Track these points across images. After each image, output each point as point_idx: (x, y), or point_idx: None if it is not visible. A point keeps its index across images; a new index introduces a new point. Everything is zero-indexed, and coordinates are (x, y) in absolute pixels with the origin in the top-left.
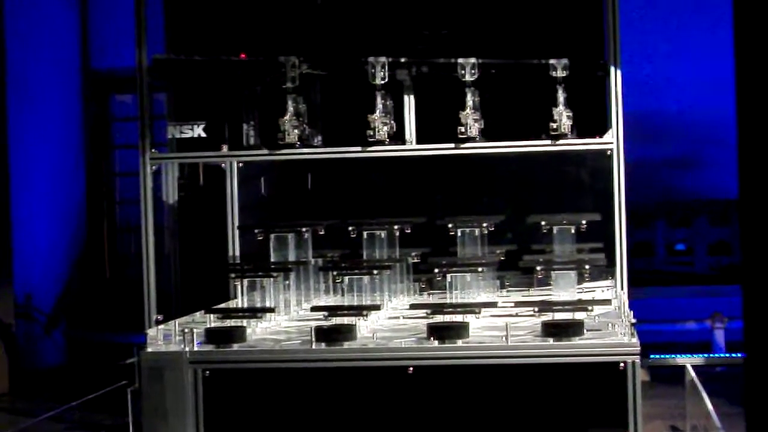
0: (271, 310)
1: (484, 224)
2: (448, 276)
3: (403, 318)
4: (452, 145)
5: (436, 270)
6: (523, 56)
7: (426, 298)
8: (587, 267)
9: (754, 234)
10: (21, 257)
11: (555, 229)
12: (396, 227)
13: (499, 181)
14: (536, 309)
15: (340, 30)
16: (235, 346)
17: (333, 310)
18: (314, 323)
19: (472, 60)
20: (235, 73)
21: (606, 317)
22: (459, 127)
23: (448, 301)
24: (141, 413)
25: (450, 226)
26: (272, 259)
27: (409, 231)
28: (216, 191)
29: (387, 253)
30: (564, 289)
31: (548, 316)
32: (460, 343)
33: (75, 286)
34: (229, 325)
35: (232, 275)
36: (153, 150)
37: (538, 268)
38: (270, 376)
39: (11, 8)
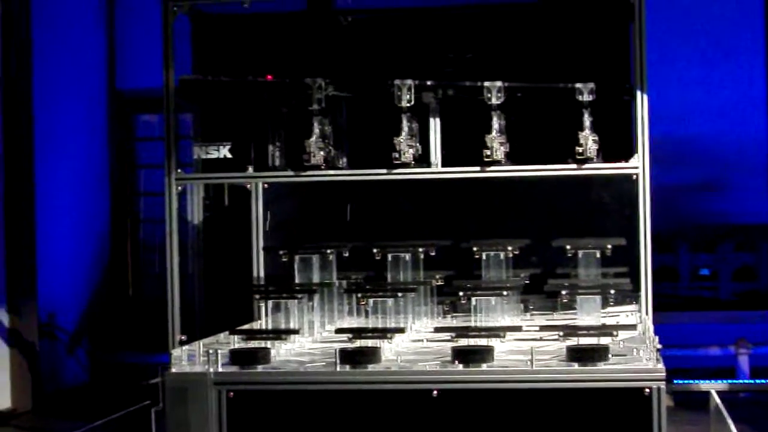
0: (296, 331)
1: (509, 248)
2: (473, 299)
3: (428, 341)
4: (478, 169)
5: (461, 293)
6: (549, 80)
7: (450, 321)
8: (612, 292)
9: None
10: (45, 276)
11: (580, 253)
12: (421, 250)
13: (525, 204)
14: (561, 333)
15: (366, 52)
16: (260, 368)
17: (357, 333)
18: (338, 345)
19: (498, 83)
20: (262, 94)
21: (631, 342)
22: (484, 151)
23: (472, 324)
24: None
25: (475, 249)
26: (297, 281)
27: (433, 254)
28: (241, 212)
29: (411, 275)
30: (588, 313)
31: (573, 341)
32: (484, 366)
33: (98, 306)
34: (253, 346)
35: (257, 296)
36: (178, 170)
37: (563, 292)
38: (294, 398)
39: (38, 28)
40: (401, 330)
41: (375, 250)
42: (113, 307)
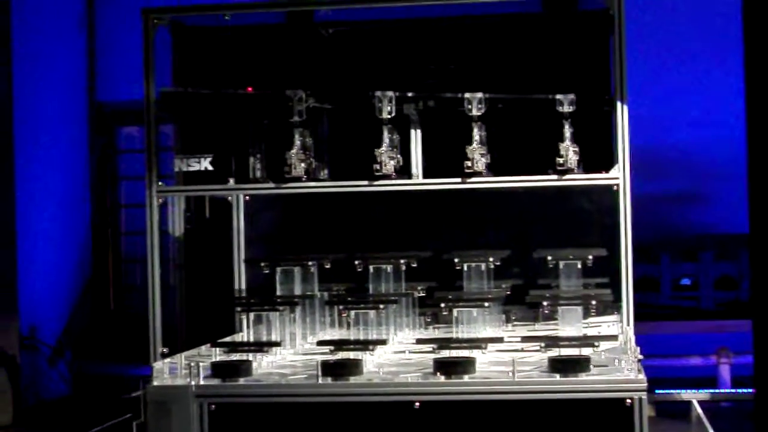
0: (277, 344)
1: (490, 259)
2: (454, 311)
3: (409, 352)
4: (459, 180)
5: (442, 304)
6: (530, 91)
7: (432, 333)
8: (593, 302)
9: (765, 268)
10: (26, 289)
11: (561, 264)
12: (402, 261)
13: (506, 215)
14: (542, 344)
15: (347, 64)
16: (241, 380)
17: (339, 345)
18: (320, 357)
19: (479, 95)
20: (242, 106)
21: (612, 353)
22: (465, 162)
23: (453, 335)
24: None
25: (456, 260)
26: (278, 293)
27: (415, 265)
28: (222, 224)
29: (393, 287)
30: (570, 324)
31: (555, 352)
32: (466, 378)
33: (80, 318)
34: (234, 359)
35: (238, 308)
36: (160, 183)
37: (545, 303)
38: (276, 411)
39: (19, 40)
40: (383, 342)
41: (356, 262)
42: (95, 320)
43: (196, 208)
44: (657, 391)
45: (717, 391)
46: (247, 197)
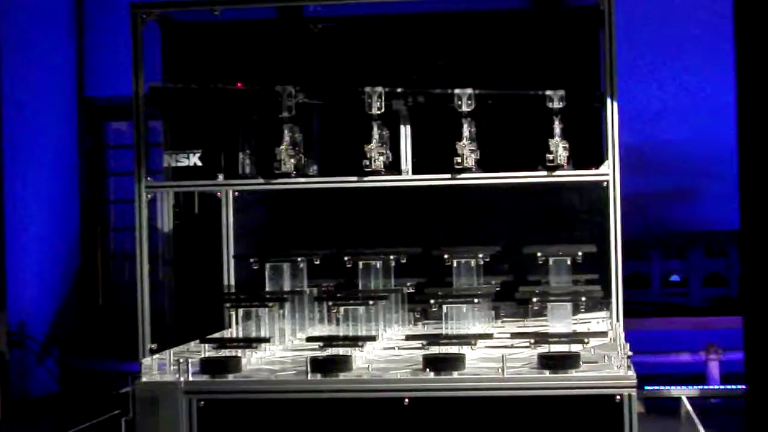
0: (266, 340)
1: (480, 255)
2: (444, 307)
3: (399, 349)
4: (448, 176)
5: (432, 301)
6: (520, 87)
7: (421, 329)
8: (583, 299)
9: (755, 265)
10: (14, 284)
11: (551, 260)
12: (391, 257)
13: (495, 211)
14: (532, 341)
15: (337, 60)
16: (230, 377)
17: (328, 341)
18: (309, 353)
19: (469, 90)
20: (232, 102)
21: (602, 349)
22: (455, 158)
23: (443, 331)
24: None
25: (446, 256)
26: (267, 289)
27: (404, 261)
28: (211, 220)
29: (382, 283)
30: (559, 320)
31: (544, 348)
32: (456, 374)
33: (69, 314)
34: (224, 355)
35: (227, 304)
36: (148, 178)
37: (534, 299)
38: (265, 407)
39: (6, 35)
40: (372, 338)
41: (346, 258)
42: (83, 316)
43: (185, 203)
44: (646, 388)
45: (706, 387)
46: (236, 193)
